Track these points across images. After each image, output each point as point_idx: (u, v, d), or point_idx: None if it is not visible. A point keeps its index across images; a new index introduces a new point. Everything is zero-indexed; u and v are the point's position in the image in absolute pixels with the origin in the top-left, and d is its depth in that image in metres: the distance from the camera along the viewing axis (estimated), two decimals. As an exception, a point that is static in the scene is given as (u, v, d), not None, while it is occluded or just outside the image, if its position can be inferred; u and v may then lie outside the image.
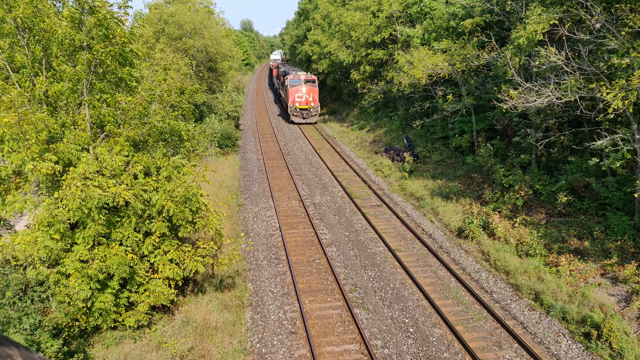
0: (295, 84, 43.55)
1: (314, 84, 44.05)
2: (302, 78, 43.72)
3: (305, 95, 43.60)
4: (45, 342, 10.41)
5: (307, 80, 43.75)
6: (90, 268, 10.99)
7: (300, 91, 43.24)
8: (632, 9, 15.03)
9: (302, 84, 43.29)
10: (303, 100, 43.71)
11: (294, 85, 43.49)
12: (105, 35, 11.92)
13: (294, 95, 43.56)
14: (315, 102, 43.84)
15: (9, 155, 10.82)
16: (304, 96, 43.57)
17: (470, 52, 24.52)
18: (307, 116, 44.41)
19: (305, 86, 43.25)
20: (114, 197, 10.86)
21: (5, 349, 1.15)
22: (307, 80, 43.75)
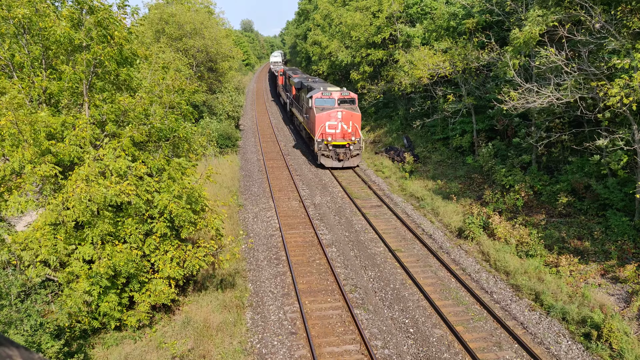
0: (326, 107, 28.99)
1: (353, 105, 29.31)
2: (336, 97, 29.16)
3: (342, 124, 28.44)
4: (45, 343, 10.41)
5: (343, 99, 29.21)
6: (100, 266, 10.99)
7: (333, 117, 28.50)
8: (632, 9, 15.03)
9: (336, 106, 28.84)
10: (338, 132, 28.62)
11: (324, 109, 28.84)
12: (104, 35, 11.93)
13: (323, 123, 28.46)
14: (357, 134, 28.78)
15: (10, 154, 10.82)
16: (339, 125, 28.51)
17: (471, 52, 24.52)
18: (345, 157, 28.72)
19: (341, 110, 28.53)
20: (119, 194, 10.86)
21: (5, 350, 1.15)
22: (344, 100, 29.21)
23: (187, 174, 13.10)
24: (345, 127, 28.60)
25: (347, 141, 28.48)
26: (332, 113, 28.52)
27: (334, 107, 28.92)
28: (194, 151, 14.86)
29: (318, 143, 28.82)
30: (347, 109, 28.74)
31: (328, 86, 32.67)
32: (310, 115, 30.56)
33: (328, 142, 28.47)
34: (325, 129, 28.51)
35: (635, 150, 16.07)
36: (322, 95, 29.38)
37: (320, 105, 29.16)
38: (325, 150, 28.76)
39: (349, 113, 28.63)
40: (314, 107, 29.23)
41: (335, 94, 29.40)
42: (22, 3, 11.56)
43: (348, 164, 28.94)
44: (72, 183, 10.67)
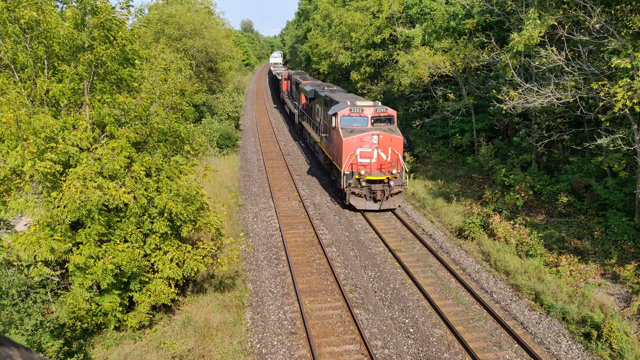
0: (356, 128, 21.88)
1: (391, 124, 22.41)
2: (369, 114, 22.02)
3: (379, 152, 21.45)
4: (46, 343, 10.41)
5: (378, 117, 22.17)
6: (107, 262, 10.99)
7: (367, 143, 21.41)
8: (632, 9, 15.03)
9: (369, 127, 21.79)
10: (374, 163, 21.49)
11: (354, 130, 21.75)
12: (106, 36, 11.94)
13: (353, 151, 21.47)
14: (398, 164, 21.66)
15: (7, 155, 10.81)
16: (375, 153, 21.43)
17: (471, 52, 24.53)
18: (383, 196, 21.55)
19: (377, 132, 21.43)
20: (113, 199, 10.86)
21: (6, 349, 1.15)
22: (380, 119, 22.22)
23: (185, 172, 13.10)
24: (383, 155, 21.23)
25: (386, 175, 21.04)
26: (365, 137, 21.20)
27: (367, 128, 21.64)
28: (194, 151, 14.86)
29: (346, 177, 21.34)
30: (385, 131, 21.42)
31: (355, 99, 24.71)
32: (333, 137, 23.09)
33: (360, 177, 20.98)
34: (357, 158, 21.20)
35: (635, 150, 16.08)
36: (350, 113, 22.00)
37: (348, 125, 21.97)
38: (357, 188, 21.23)
39: (388, 136, 21.28)
40: (339, 127, 21.95)
41: (368, 111, 21.96)
42: (28, 4, 11.58)
43: (387, 206, 21.40)
44: (69, 183, 10.67)
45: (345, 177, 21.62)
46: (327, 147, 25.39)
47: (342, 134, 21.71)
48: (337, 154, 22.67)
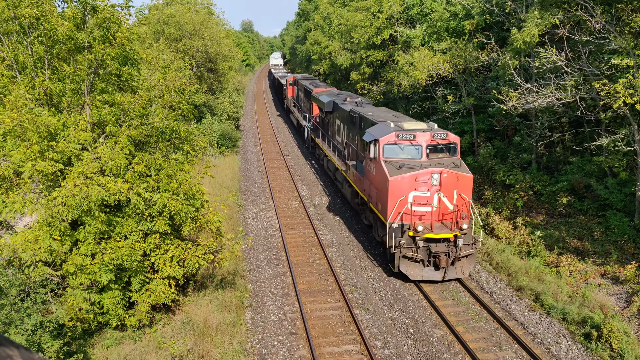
0: (407, 161, 15.99)
1: (454, 155, 16.71)
2: (424, 142, 16.09)
3: (441, 197, 15.56)
4: (45, 343, 10.41)
5: (436, 146, 16.41)
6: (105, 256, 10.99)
7: (424, 184, 15.50)
8: (633, 9, 15.04)
9: (424, 159, 15.99)
10: (434, 212, 15.56)
11: (404, 166, 15.78)
12: (106, 35, 11.94)
13: (404, 193, 15.47)
14: (468, 213, 15.77)
15: (10, 154, 10.82)
16: (435, 198, 15.54)
17: (471, 52, 24.54)
18: (447, 261, 15.29)
19: (437, 169, 15.52)
20: (115, 194, 10.85)
21: (6, 350, 1.15)
22: (437, 148, 16.49)
23: (185, 170, 13.11)
24: (446, 202, 15.34)
25: (452, 231, 15.02)
26: (421, 176, 15.15)
27: (422, 161, 15.60)
28: (194, 151, 14.87)
29: (394, 232, 15.14)
30: (449, 167, 15.51)
31: (396, 117, 19.08)
32: (371, 171, 17.10)
33: (417, 234, 14.90)
34: (409, 205, 15.14)
35: (635, 151, 16.08)
36: (397, 140, 15.89)
37: (394, 157, 15.89)
38: (410, 249, 15.11)
39: (453, 175, 15.33)
40: (381, 160, 15.93)
41: (422, 137, 15.77)
42: (30, 3, 11.60)
43: (453, 275, 15.39)
44: (70, 180, 10.68)
45: (391, 233, 15.12)
46: (358, 180, 18.96)
47: (388, 171, 15.44)
48: (378, 196, 16.31)
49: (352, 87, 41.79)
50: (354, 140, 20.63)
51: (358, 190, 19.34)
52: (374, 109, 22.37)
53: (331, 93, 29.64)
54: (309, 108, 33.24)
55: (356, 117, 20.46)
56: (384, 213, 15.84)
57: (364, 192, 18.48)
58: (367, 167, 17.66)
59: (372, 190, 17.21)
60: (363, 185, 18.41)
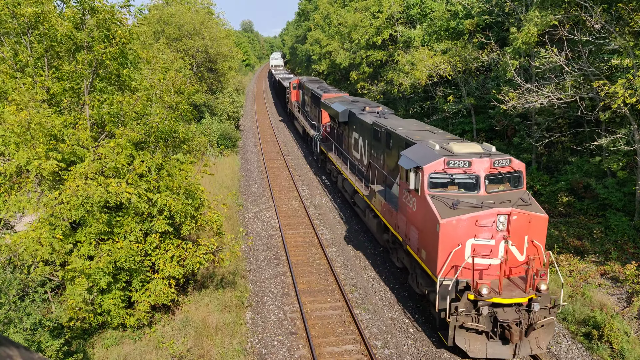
0: (460, 195, 12.12)
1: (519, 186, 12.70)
2: (482, 170, 12.10)
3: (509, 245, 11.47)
4: (45, 342, 10.42)
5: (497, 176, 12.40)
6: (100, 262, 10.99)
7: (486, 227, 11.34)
8: (633, 8, 15.04)
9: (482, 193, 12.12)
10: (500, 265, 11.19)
11: (457, 202, 11.70)
12: (105, 35, 11.95)
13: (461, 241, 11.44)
14: (545, 273, 11.62)
15: (14, 154, 10.83)
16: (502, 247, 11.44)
17: (471, 52, 24.55)
18: (519, 333, 11.05)
19: (503, 207, 11.40)
20: (116, 196, 10.86)
21: (5, 349, 1.15)
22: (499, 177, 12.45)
23: (185, 170, 13.12)
24: (516, 252, 11.77)
25: (527, 294, 11.33)
26: (483, 218, 11.44)
27: (480, 196, 12.13)
28: (194, 151, 14.88)
29: (447, 292, 11.67)
30: (518, 205, 11.88)
31: (438, 135, 15.36)
32: (410, 207, 13.42)
33: (480, 298, 11.17)
34: (465, 256, 11.56)
35: (635, 150, 16.08)
36: (446, 168, 12.31)
37: (442, 191, 12.33)
38: (469, 316, 11.43)
39: (524, 215, 11.64)
40: (426, 194, 12.37)
41: (480, 164, 12.19)
42: (30, 2, 11.61)
43: (527, 350, 11.60)
44: (71, 180, 10.69)
45: (444, 293, 11.55)
46: (388, 213, 15.30)
47: (437, 210, 11.63)
48: (422, 241, 12.46)
49: (352, 87, 41.74)
50: (378, 159, 17.76)
51: (388, 225, 15.43)
52: (402, 121, 18.48)
53: (345, 100, 25.44)
54: (317, 115, 29.95)
55: (382, 133, 17.26)
56: (431, 264, 11.96)
57: (397, 230, 14.55)
58: (404, 199, 13.77)
59: (412, 230, 13.21)
60: (397, 220, 14.52)
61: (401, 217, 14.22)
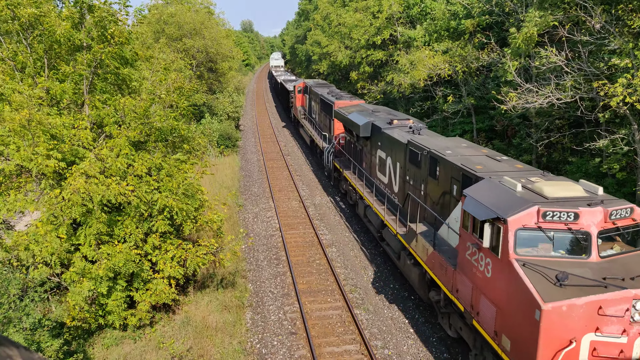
0: (562, 261, 8.41)
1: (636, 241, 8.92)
2: (595, 224, 8.40)
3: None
4: (45, 342, 10.42)
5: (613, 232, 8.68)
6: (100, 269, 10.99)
7: (616, 317, 7.63)
8: (632, 9, 15.04)
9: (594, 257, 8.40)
10: None
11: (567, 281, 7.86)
12: (103, 35, 11.95)
13: (573, 336, 7.73)
14: None
15: (14, 154, 10.83)
16: (636, 345, 7.71)
17: (471, 53, 24.55)
18: None
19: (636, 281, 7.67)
20: (117, 196, 10.86)
21: (5, 349, 1.15)
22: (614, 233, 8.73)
23: (185, 170, 13.12)
24: None
25: None
26: (609, 302, 7.72)
27: (593, 262, 8.50)
28: (194, 150, 14.89)
29: None
30: None
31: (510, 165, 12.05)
32: (484, 270, 9.63)
33: None
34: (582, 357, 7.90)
35: (635, 151, 16.08)
36: (541, 222, 8.62)
37: (536, 257, 8.66)
38: None
39: None
40: (513, 259, 8.67)
41: (590, 217, 8.53)
42: (29, 3, 11.62)
43: None
44: (72, 179, 10.69)
45: None
46: (440, 269, 11.69)
47: (534, 288, 8.10)
48: (508, 327, 8.85)
49: (352, 86, 41.73)
50: (417, 189, 14.49)
51: (440, 283, 11.64)
52: (444, 140, 14.91)
53: (363, 109, 21.48)
54: (328, 125, 26.73)
55: (423, 157, 13.92)
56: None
57: (456, 294, 10.85)
58: (469, 255, 10.15)
59: (483, 303, 9.59)
60: (454, 281, 10.90)
61: (463, 280, 10.38)
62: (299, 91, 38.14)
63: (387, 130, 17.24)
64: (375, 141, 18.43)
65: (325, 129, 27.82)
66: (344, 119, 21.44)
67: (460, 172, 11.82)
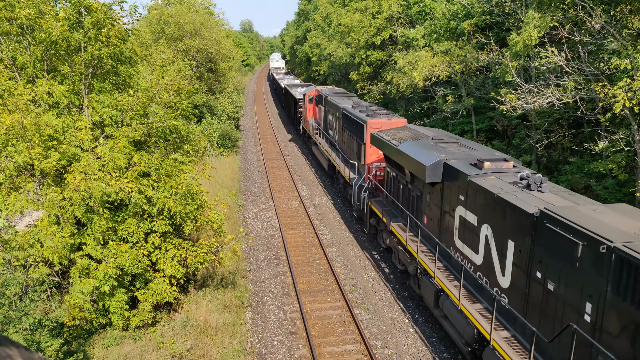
0: None
1: None
2: None
3: None
4: (45, 342, 10.42)
5: None
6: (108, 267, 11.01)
7: None
8: (632, 10, 15.05)
9: None
10: None
11: None
12: (99, 36, 11.94)
13: None
14: None
15: (12, 155, 10.84)
16: None
17: (470, 53, 24.56)
18: None
19: None
20: (118, 191, 10.85)
21: (5, 349, 1.15)
22: None
23: (185, 170, 13.12)
24: None
25: None
26: None
27: None
28: (194, 150, 14.89)
29: None
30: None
31: None
32: None
33: None
34: None
35: (635, 151, 16.09)
36: None
37: None
38: None
39: None
40: None
41: None
42: (26, 4, 11.62)
43: None
44: (71, 177, 10.70)
45: None
46: None
47: None
48: None
49: (352, 87, 41.72)
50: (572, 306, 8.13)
51: None
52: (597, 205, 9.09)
53: (417, 135, 15.12)
54: (356, 150, 20.79)
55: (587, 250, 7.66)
56: None
57: None
58: None
59: None
60: None
61: None
62: (310, 100, 32.04)
63: (478, 180, 10.89)
64: (454, 192, 11.99)
65: (352, 154, 21.57)
66: (389, 149, 15.31)
67: None
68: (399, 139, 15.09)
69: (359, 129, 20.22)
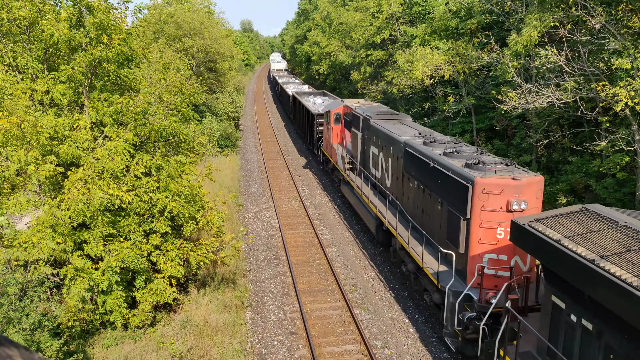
0: None
1: None
2: None
3: None
4: (45, 342, 10.41)
5: None
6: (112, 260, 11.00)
7: None
8: (632, 9, 15.04)
9: None
10: None
11: None
12: (100, 37, 11.92)
13: None
14: None
15: (11, 156, 10.82)
16: None
17: (471, 52, 24.55)
18: None
19: None
20: (115, 200, 10.84)
21: (5, 350, 1.14)
22: None
23: (187, 172, 13.11)
24: None
25: None
26: None
27: None
28: (194, 150, 14.87)
29: None
30: None
31: None
32: None
33: None
34: None
35: (635, 151, 16.08)
36: None
37: None
38: None
39: None
40: None
41: None
42: (25, 4, 11.60)
43: None
44: (70, 184, 10.68)
45: None
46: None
47: None
48: None
49: (352, 86, 41.68)
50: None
51: None
52: None
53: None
54: (447, 227, 12.12)
55: None
56: None
57: None
58: None
59: None
60: None
61: None
62: (336, 120, 23.39)
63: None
64: None
65: (432, 225, 13.15)
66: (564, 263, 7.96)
67: None
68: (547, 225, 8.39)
69: (453, 189, 11.65)
